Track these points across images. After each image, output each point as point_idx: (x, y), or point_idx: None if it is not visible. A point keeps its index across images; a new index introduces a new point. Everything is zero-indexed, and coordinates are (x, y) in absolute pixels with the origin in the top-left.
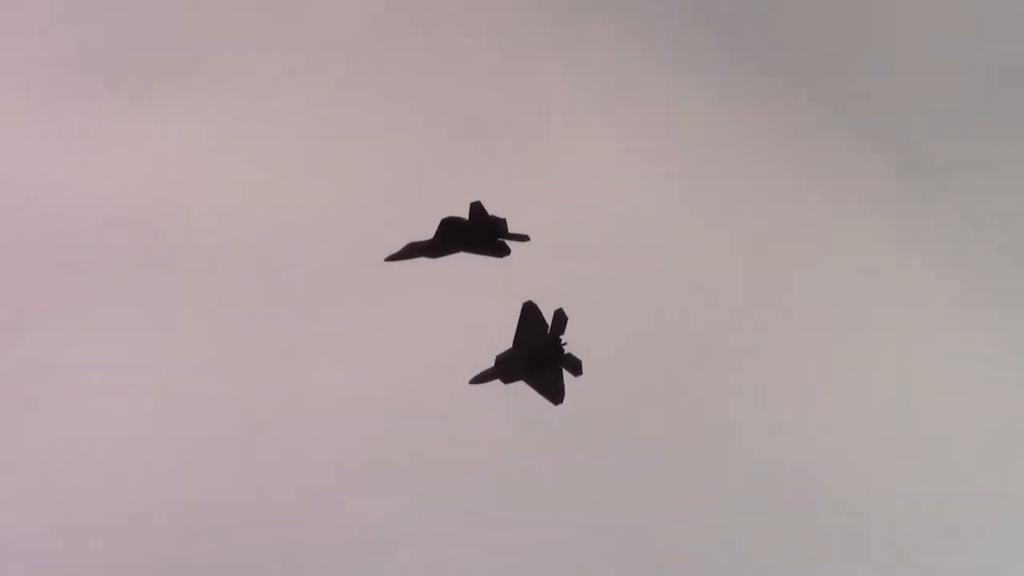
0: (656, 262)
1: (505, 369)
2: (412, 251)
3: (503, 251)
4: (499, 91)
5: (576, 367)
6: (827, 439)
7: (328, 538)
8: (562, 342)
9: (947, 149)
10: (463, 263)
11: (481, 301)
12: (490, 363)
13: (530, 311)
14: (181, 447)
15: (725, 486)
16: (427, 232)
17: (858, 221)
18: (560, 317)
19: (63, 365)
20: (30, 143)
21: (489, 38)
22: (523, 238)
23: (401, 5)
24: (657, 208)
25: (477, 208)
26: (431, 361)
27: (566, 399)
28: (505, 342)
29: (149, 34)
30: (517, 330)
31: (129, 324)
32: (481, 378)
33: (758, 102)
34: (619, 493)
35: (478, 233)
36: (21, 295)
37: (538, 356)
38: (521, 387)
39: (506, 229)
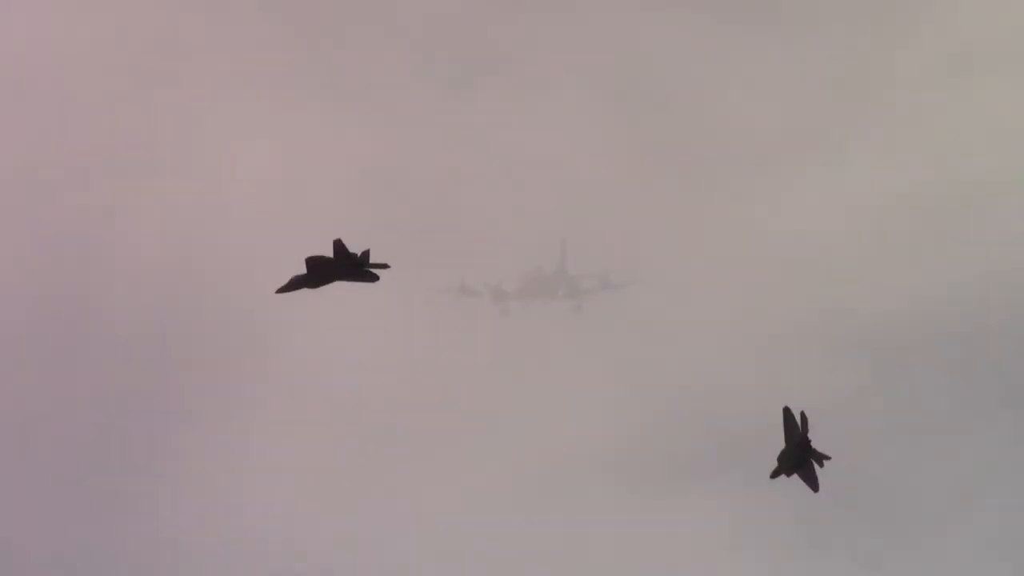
0: None
1: (784, 466)
2: (296, 284)
3: (372, 278)
4: None
5: (821, 459)
6: None
7: None
8: (810, 439)
9: None
10: None
11: None
12: None
13: (788, 414)
14: None
15: None
16: None
17: None
18: (804, 418)
19: None
20: None
21: None
22: (383, 266)
23: None
24: None
25: (338, 245)
26: None
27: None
28: None
29: None
30: (784, 431)
31: None
32: (775, 474)
33: None
34: None
35: (343, 265)
36: None
37: (799, 452)
38: None
39: (368, 260)
